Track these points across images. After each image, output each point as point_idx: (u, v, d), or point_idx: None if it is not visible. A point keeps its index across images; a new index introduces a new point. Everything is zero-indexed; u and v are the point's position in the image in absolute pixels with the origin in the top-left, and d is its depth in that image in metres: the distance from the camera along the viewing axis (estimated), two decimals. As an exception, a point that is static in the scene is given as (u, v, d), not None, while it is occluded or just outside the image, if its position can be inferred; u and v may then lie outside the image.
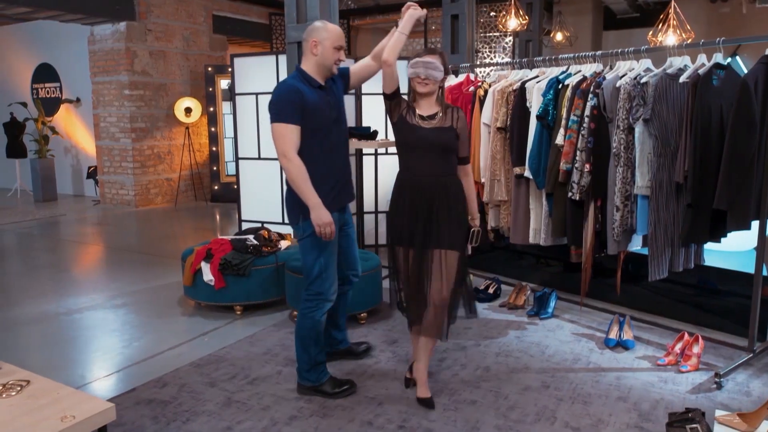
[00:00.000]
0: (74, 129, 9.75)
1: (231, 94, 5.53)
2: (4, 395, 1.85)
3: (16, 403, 1.81)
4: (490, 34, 9.25)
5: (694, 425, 1.99)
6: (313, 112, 2.64)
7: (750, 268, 3.62)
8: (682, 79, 3.05)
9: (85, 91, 9.13)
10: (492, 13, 9.23)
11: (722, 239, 3.20)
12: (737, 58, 8.68)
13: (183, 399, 2.83)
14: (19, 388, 1.90)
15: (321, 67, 2.71)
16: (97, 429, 1.80)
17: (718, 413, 2.06)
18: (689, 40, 5.32)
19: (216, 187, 9.03)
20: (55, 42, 9.54)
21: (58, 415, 1.76)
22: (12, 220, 7.69)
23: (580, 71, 3.60)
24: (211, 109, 8.86)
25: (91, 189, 9.64)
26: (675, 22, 5.27)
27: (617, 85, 3.24)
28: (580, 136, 3.39)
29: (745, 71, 3.14)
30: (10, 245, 6.46)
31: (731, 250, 3.97)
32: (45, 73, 9.88)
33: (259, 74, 5.35)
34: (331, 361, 3.04)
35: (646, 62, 3.34)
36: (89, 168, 9.48)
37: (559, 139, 3.48)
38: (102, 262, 5.74)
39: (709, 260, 3.47)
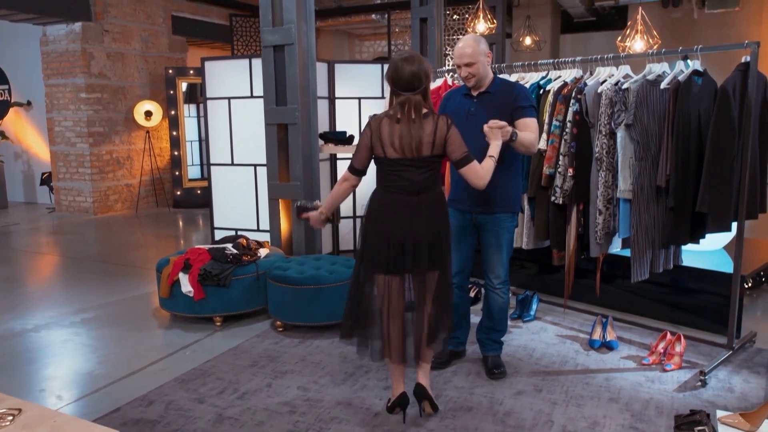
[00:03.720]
0: (25, 133, 9.33)
1: (203, 98, 5.38)
2: (-4, 426, 1.73)
3: (10, 435, 1.70)
4: (454, 37, 9.33)
5: (702, 427, 2.04)
6: (452, 115, 2.73)
7: (719, 267, 3.77)
8: (663, 85, 3.13)
9: (36, 94, 8.74)
10: (455, 16, 9.31)
11: (701, 240, 3.31)
12: (688, 61, 9.04)
13: (171, 417, 2.72)
14: (11, 418, 1.77)
15: None
16: (98, 457, 1.70)
17: (720, 413, 2.12)
18: (656, 46, 5.50)
19: (178, 193, 8.80)
20: (3, 42, 9.09)
21: (58, 445, 1.65)
22: (-39, 230, 7.30)
23: (560, 77, 3.65)
24: (173, 112, 8.63)
25: (44, 196, 9.24)
26: (642, 28, 5.43)
27: (599, 90, 3.30)
28: (563, 141, 3.44)
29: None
30: (-38, 257, 6.12)
31: (701, 249, 4.10)
32: (-8, 75, 9.43)
33: (231, 78, 5.22)
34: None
35: (625, 68, 3.42)
36: (43, 174, 9.08)
37: (542, 144, 3.52)
38: (64, 273, 5.49)
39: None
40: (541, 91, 3.61)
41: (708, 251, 4.09)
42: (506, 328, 3.20)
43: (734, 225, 3.16)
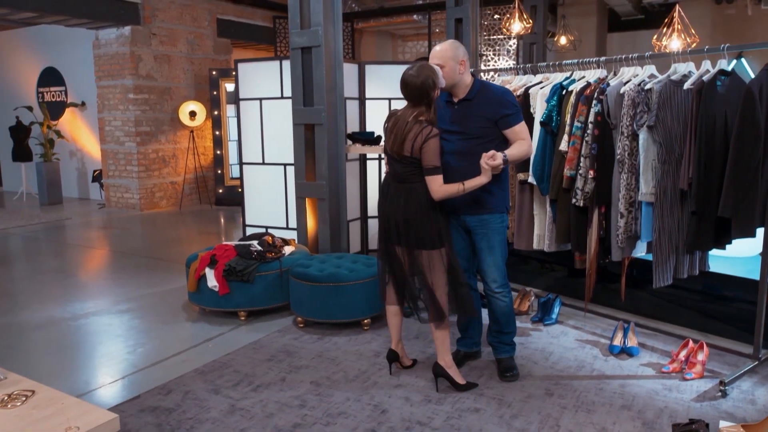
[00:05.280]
0: (79, 133, 9.80)
1: (235, 99, 5.54)
2: (9, 405, 1.86)
3: (20, 414, 1.82)
4: (494, 37, 9.25)
5: (698, 437, 1.98)
6: (438, 120, 2.89)
7: (755, 275, 3.61)
8: (686, 85, 3.04)
9: (90, 95, 9.17)
10: (496, 16, 9.23)
11: (727, 246, 3.19)
12: (742, 60, 8.65)
13: (187, 406, 2.84)
14: (24, 398, 1.91)
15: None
16: (101, 439, 1.80)
17: (723, 424, 2.06)
18: (693, 45, 5.31)
19: (220, 191, 9.06)
20: (60, 46, 9.59)
21: (63, 426, 1.76)
22: (18, 223, 7.73)
23: (584, 77, 3.59)
24: (216, 112, 8.89)
25: (96, 192, 9.69)
26: (680, 26, 5.26)
27: (621, 91, 3.24)
28: (584, 143, 3.39)
29: (751, 73, 3.14)
30: (17, 249, 6.49)
31: (737, 256, 3.95)
32: (50, 77, 9.93)
33: (263, 79, 5.35)
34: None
35: (650, 68, 3.33)
36: (94, 171, 9.52)
37: (563, 146, 3.48)
38: (107, 266, 5.76)
39: (714, 266, 3.45)
40: (564, 92, 3.56)
41: (743, 258, 3.94)
42: (515, 329, 3.17)
43: (760, 231, 3.04)
